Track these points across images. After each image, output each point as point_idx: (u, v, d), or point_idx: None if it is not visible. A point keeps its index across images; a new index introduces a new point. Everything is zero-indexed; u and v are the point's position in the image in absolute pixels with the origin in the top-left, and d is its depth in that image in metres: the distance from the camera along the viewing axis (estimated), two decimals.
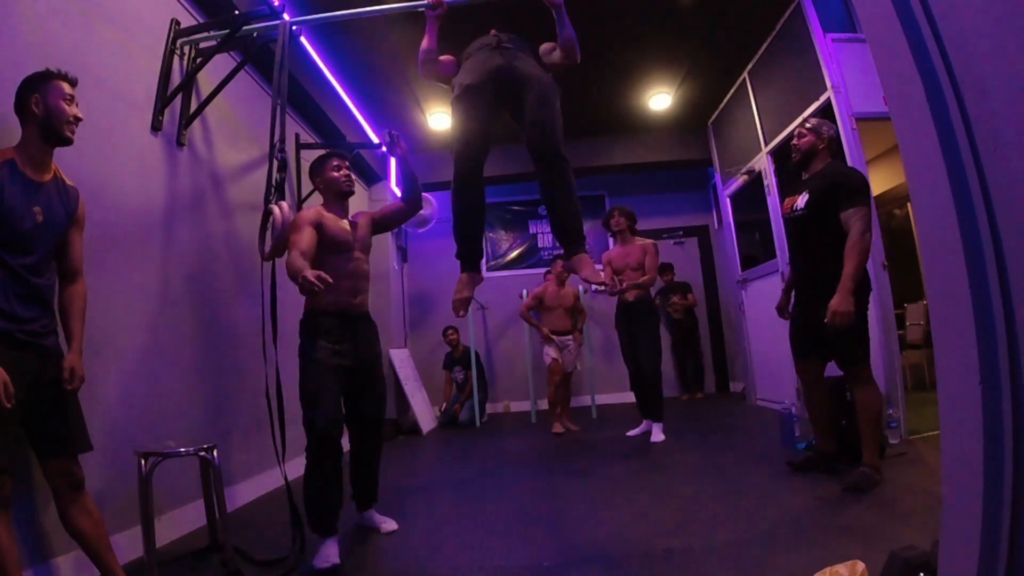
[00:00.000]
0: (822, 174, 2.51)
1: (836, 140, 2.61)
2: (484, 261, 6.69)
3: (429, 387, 5.86)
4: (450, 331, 5.81)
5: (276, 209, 2.02)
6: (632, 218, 4.06)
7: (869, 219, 2.36)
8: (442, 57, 2.41)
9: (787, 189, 4.42)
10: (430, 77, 2.43)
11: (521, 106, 2.12)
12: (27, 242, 1.52)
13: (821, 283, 2.42)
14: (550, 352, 4.69)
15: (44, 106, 1.56)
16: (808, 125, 2.60)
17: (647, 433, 3.99)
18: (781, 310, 2.94)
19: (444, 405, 5.78)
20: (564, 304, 4.77)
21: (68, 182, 1.68)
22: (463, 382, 5.68)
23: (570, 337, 4.76)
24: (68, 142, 1.62)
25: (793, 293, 2.77)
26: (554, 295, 4.77)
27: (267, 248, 2.16)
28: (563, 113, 2.15)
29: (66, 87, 1.62)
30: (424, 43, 2.33)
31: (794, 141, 2.62)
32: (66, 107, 1.60)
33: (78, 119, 1.63)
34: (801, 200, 2.52)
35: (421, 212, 5.71)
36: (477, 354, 5.75)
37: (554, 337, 4.71)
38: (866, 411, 2.45)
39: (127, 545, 2.00)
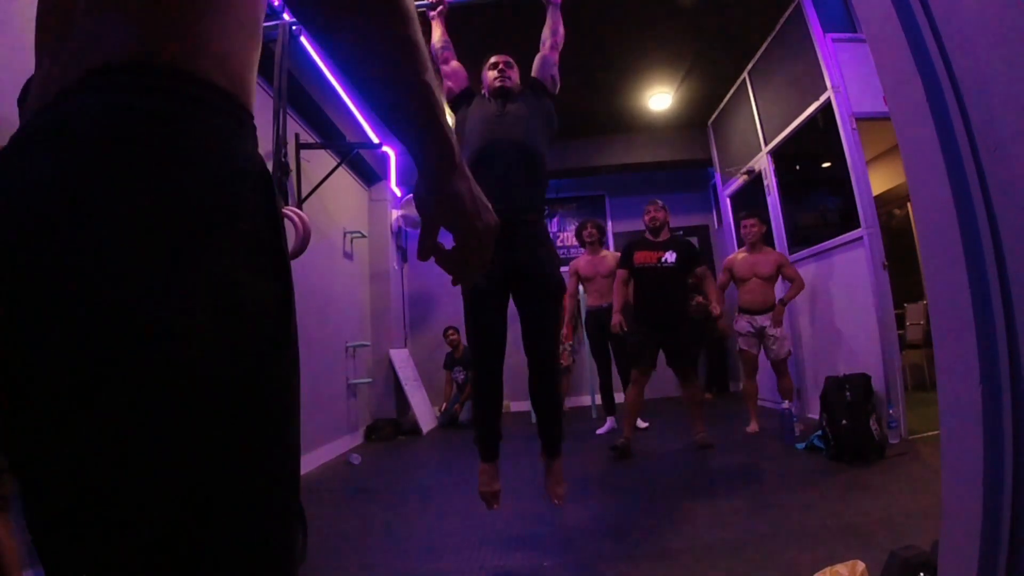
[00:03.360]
0: (676, 241, 3.58)
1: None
2: None
3: (429, 387, 5.85)
4: (451, 331, 5.81)
5: (293, 215, 1.97)
6: (603, 232, 4.45)
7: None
8: (456, 64, 2.21)
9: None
10: (450, 74, 2.21)
11: (525, 300, 2.05)
12: None
13: (676, 315, 3.45)
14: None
15: None
16: (660, 204, 3.60)
17: (642, 430, 4.23)
18: (615, 327, 3.74)
19: (444, 405, 5.78)
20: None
21: None
22: (463, 382, 5.67)
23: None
24: None
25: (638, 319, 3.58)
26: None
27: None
28: (562, 112, 2.15)
29: None
30: (434, 36, 2.22)
31: (654, 214, 3.55)
32: None
33: None
34: (670, 256, 3.49)
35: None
36: None
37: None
38: (692, 400, 3.54)
39: None
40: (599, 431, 4.27)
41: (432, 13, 2.31)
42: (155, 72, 0.42)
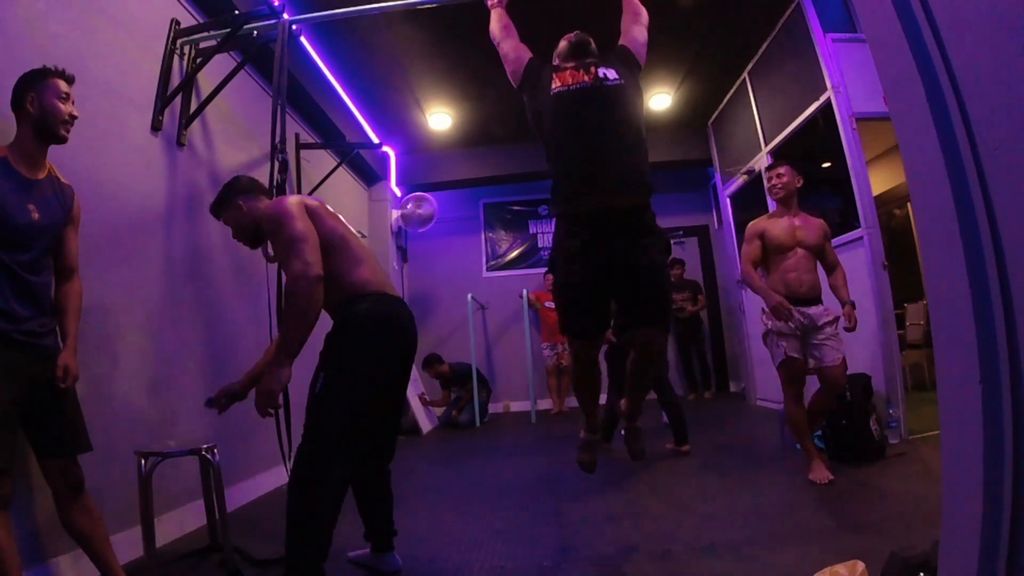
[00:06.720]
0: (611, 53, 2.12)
1: None
2: (484, 261, 6.69)
3: (429, 387, 5.85)
4: (438, 364, 5.61)
5: None
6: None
7: None
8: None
9: None
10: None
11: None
12: (22, 238, 1.52)
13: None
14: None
15: (39, 104, 1.55)
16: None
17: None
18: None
19: (440, 411, 5.77)
20: None
21: (63, 180, 1.68)
22: (462, 395, 5.64)
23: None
24: (62, 140, 1.62)
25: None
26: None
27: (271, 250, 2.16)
28: None
29: (62, 85, 1.60)
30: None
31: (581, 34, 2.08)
32: (61, 106, 1.58)
33: (73, 117, 1.62)
34: (609, 71, 1.95)
35: (419, 212, 5.74)
36: (478, 371, 5.69)
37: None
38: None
39: (127, 545, 2.00)
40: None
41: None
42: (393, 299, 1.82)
